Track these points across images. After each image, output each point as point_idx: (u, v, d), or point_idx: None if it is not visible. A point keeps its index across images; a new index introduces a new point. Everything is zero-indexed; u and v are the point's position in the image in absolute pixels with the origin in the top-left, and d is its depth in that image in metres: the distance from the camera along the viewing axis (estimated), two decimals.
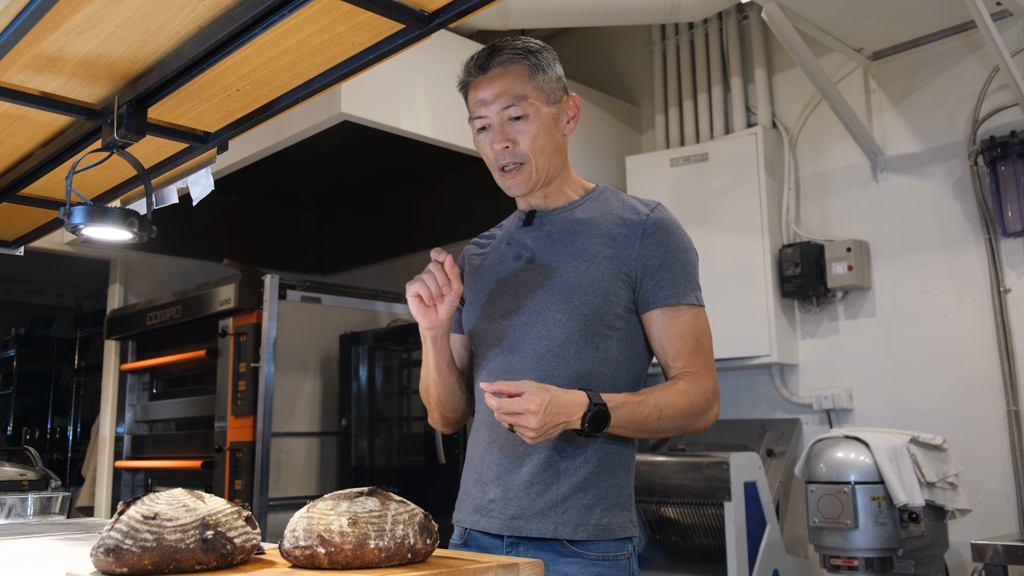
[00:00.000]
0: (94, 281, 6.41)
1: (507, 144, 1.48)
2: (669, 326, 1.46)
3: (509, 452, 1.47)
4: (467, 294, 1.63)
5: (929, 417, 3.19)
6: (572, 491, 1.42)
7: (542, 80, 1.50)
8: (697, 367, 1.46)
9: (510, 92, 1.47)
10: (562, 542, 1.41)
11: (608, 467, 1.45)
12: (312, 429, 3.88)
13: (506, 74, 1.48)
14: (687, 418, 1.42)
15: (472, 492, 1.53)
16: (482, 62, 1.50)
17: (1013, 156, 3.04)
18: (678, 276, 1.47)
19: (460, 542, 1.54)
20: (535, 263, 1.53)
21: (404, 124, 3.19)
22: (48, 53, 1.41)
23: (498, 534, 1.46)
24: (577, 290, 1.46)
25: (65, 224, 1.62)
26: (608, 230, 1.50)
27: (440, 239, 4.82)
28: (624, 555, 1.43)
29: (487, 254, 1.64)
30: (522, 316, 1.50)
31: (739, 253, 3.54)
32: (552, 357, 1.45)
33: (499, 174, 1.53)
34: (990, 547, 2.36)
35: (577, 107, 1.56)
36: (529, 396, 1.28)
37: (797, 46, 3.10)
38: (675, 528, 3.06)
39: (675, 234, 1.50)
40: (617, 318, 1.47)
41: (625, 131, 4.17)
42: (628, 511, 1.47)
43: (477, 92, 1.50)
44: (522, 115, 1.47)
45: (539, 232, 1.56)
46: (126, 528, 1.04)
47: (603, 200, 1.56)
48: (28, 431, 7.40)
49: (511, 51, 1.49)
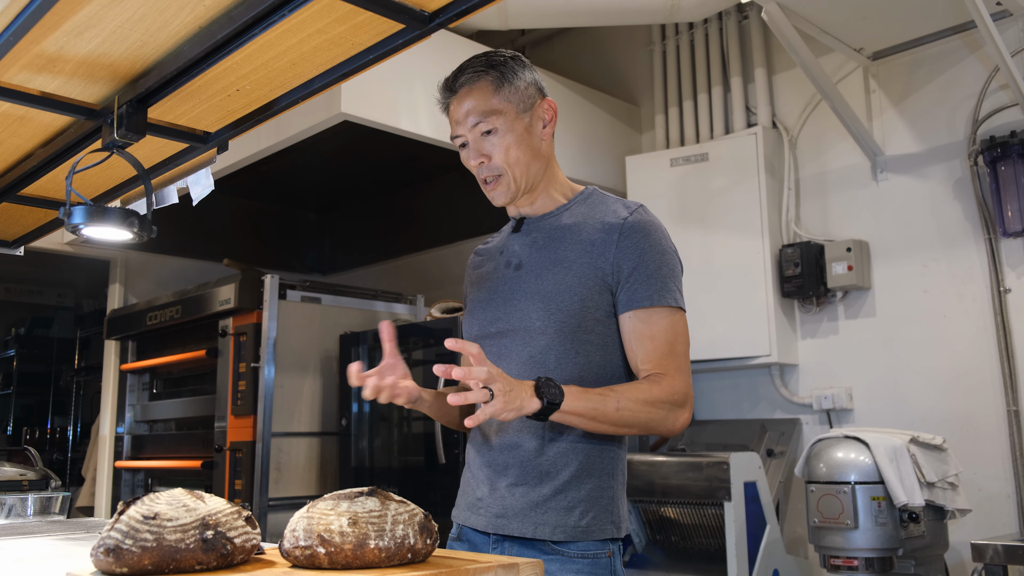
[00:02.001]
0: (94, 281, 6.41)
1: (482, 160, 1.53)
2: (640, 328, 1.45)
3: (497, 454, 1.51)
4: (468, 303, 1.68)
5: (929, 417, 3.19)
6: (553, 493, 1.45)
7: (508, 92, 1.52)
8: (667, 369, 1.44)
9: (477, 109, 1.51)
10: (544, 541, 1.44)
11: (589, 470, 1.47)
12: (312, 429, 3.88)
13: (472, 92, 1.52)
14: (650, 414, 1.39)
15: (467, 489, 1.59)
16: (450, 83, 1.55)
17: (1013, 156, 3.04)
18: (652, 278, 1.46)
19: (455, 536, 1.60)
20: (522, 270, 1.56)
21: (404, 124, 3.19)
22: (48, 53, 1.41)
23: (484, 531, 1.51)
24: (555, 297, 1.48)
25: (65, 224, 1.62)
26: (588, 236, 1.51)
27: (440, 239, 4.82)
28: (605, 554, 1.45)
29: (484, 262, 1.68)
30: (508, 323, 1.54)
31: (739, 253, 3.54)
32: (535, 363, 1.48)
33: (483, 187, 1.57)
34: (990, 547, 2.36)
35: (554, 111, 1.58)
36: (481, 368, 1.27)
37: (797, 46, 3.10)
38: (675, 528, 3.06)
39: (652, 236, 1.49)
40: (597, 323, 1.47)
41: (625, 131, 4.17)
42: (611, 513, 1.47)
43: (452, 112, 1.56)
44: (491, 129, 1.51)
45: (526, 239, 1.59)
46: (126, 528, 1.04)
47: (589, 204, 1.58)
48: (28, 431, 7.41)
49: (473, 69, 1.53)
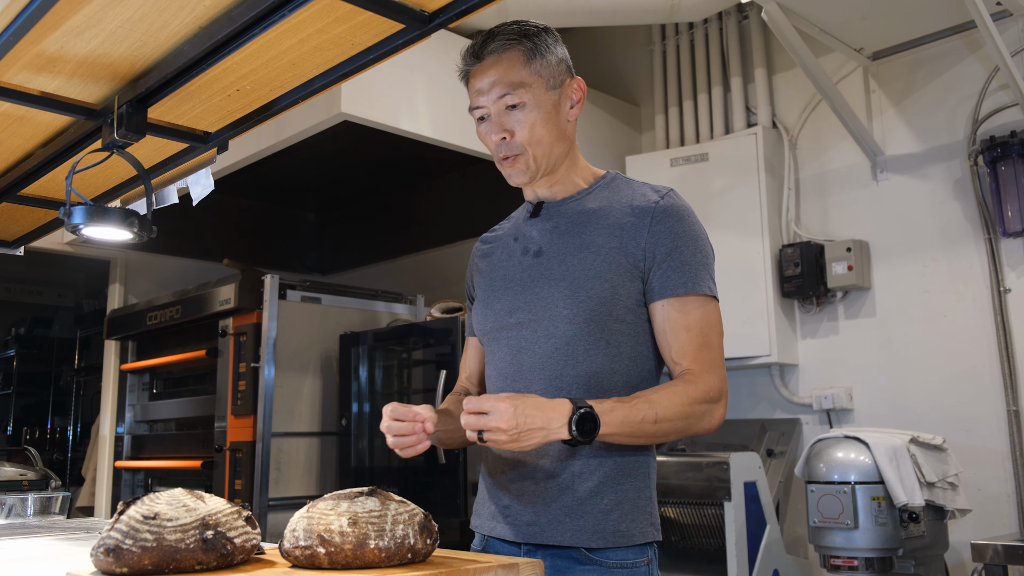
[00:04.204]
0: (94, 281, 6.41)
1: (504, 135, 1.41)
2: (675, 318, 1.37)
3: (524, 458, 1.40)
4: (477, 292, 1.57)
5: (929, 417, 3.19)
6: (588, 495, 1.35)
7: (540, 65, 1.41)
8: (703, 364, 1.36)
9: (505, 80, 1.39)
10: (579, 550, 1.35)
11: (625, 470, 1.37)
12: (312, 429, 3.88)
13: (501, 61, 1.40)
14: (687, 420, 1.31)
15: (489, 497, 1.47)
16: (477, 49, 1.42)
17: (1013, 156, 3.04)
18: (687, 265, 1.37)
19: (480, 548, 1.48)
20: (542, 257, 1.45)
21: (404, 124, 3.18)
22: (48, 53, 1.41)
23: (515, 541, 1.40)
24: (583, 284, 1.38)
25: (65, 224, 1.62)
26: (616, 220, 1.41)
27: (440, 239, 4.82)
28: (644, 561, 1.36)
29: (494, 250, 1.57)
30: (529, 313, 1.42)
31: (739, 253, 3.54)
32: (560, 355, 1.38)
33: (500, 166, 1.46)
34: (990, 547, 2.36)
35: (583, 90, 1.47)
36: (493, 414, 1.19)
37: (797, 46, 3.09)
38: (675, 528, 3.06)
39: (686, 221, 1.40)
40: (627, 311, 1.38)
41: (625, 131, 4.17)
42: (649, 515, 1.39)
43: (474, 81, 1.43)
44: (518, 103, 1.39)
45: (546, 224, 1.48)
46: (126, 528, 1.04)
47: (613, 188, 1.48)
48: (28, 431, 7.41)
49: (505, 36, 1.41)
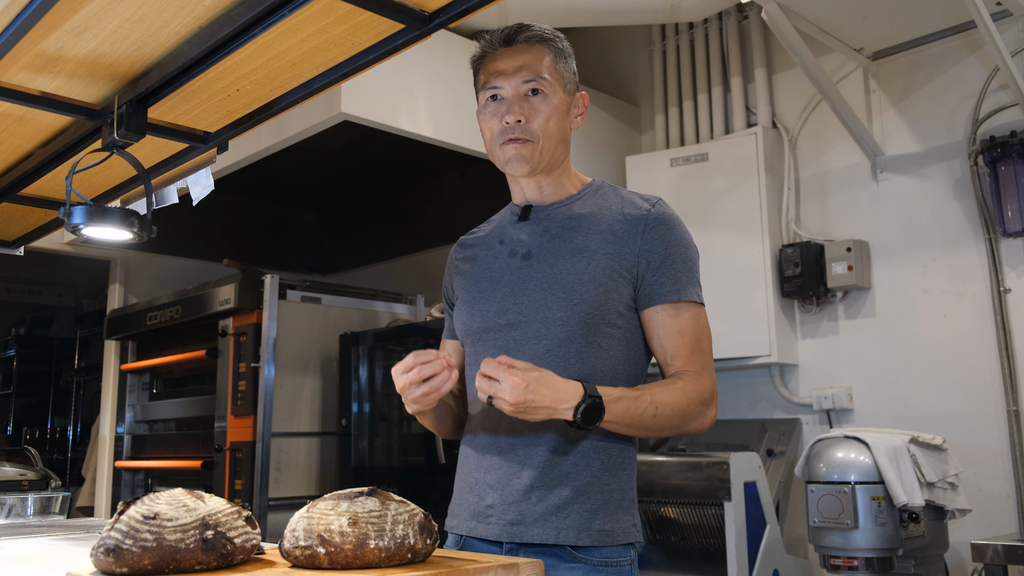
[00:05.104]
0: (94, 281, 6.40)
1: (520, 118, 1.44)
2: (669, 323, 1.42)
3: (508, 456, 1.42)
4: (460, 294, 1.58)
5: (929, 417, 3.19)
6: (574, 495, 1.38)
7: (563, 67, 1.49)
8: (696, 367, 1.41)
9: (533, 67, 1.45)
10: (564, 548, 1.37)
11: (610, 470, 1.41)
12: (312, 429, 3.88)
13: (531, 50, 1.47)
14: (683, 417, 1.37)
15: (468, 498, 1.48)
16: (509, 35, 1.48)
17: (1013, 156, 3.04)
18: (680, 272, 1.43)
19: (457, 549, 1.47)
20: (532, 260, 1.47)
21: (404, 124, 3.18)
22: (48, 53, 1.41)
23: (497, 540, 1.41)
24: (578, 287, 1.41)
25: (65, 224, 1.62)
26: (608, 226, 1.45)
27: (440, 239, 4.81)
28: (627, 560, 1.39)
29: (476, 253, 1.59)
30: (520, 314, 1.44)
31: (739, 253, 3.54)
32: (552, 357, 1.40)
33: (501, 148, 1.47)
34: (990, 547, 2.36)
35: (586, 105, 1.55)
36: (504, 385, 1.24)
37: (797, 46, 3.09)
38: (675, 528, 3.06)
39: (677, 229, 1.46)
40: (619, 316, 1.42)
41: (625, 131, 4.17)
42: (631, 515, 1.42)
43: (496, 63, 1.47)
44: (540, 91, 1.45)
45: (535, 228, 1.50)
46: (126, 528, 1.04)
47: (601, 195, 1.52)
48: (28, 431, 7.41)
49: (540, 31, 1.49)
